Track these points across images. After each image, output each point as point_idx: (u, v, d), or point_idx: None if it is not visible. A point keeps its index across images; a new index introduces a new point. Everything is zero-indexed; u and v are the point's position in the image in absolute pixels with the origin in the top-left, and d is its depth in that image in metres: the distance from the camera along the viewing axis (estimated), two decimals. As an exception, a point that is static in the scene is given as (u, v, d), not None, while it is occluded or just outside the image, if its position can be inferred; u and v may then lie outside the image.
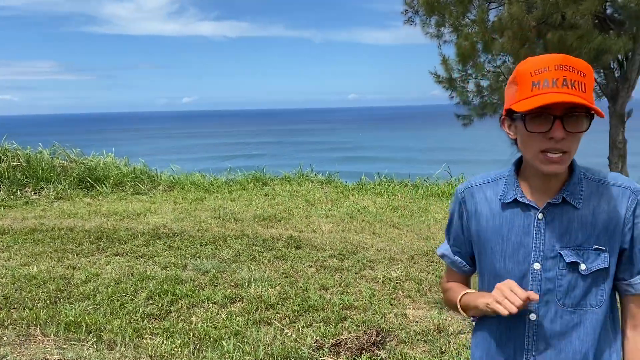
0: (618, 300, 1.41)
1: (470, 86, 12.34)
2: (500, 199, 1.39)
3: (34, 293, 4.46)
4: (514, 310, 1.24)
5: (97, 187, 9.47)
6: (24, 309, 4.13)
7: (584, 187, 1.33)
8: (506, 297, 1.26)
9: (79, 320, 3.87)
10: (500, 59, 11.99)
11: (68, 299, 4.38)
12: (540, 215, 1.34)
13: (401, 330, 3.71)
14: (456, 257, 1.54)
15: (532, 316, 1.36)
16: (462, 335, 3.65)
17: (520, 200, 1.36)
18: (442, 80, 12.56)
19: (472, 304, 1.42)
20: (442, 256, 1.59)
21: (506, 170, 1.43)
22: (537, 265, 1.34)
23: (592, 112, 1.22)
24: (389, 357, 3.35)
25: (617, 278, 1.35)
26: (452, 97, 12.77)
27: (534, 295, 1.25)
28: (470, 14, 12.00)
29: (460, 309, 1.48)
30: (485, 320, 1.48)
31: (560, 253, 1.32)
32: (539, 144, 1.25)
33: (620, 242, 1.31)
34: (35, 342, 3.62)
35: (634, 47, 10.63)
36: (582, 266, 1.30)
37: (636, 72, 11.09)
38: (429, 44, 12.17)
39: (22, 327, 3.82)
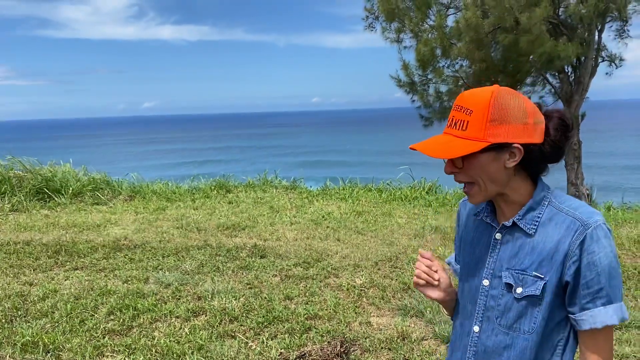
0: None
1: (431, 90, 12.57)
2: (476, 214, 1.49)
3: (-12, 312, 4.31)
4: (415, 279, 1.52)
5: (55, 198, 9.21)
6: (-22, 330, 3.98)
7: (543, 213, 1.35)
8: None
9: (36, 339, 3.75)
10: (458, 63, 12.26)
11: (25, 317, 4.24)
12: (497, 235, 1.41)
13: (365, 338, 3.74)
14: (458, 266, 1.62)
15: (476, 328, 1.43)
16: (425, 342, 3.71)
17: (484, 219, 1.45)
18: (403, 84, 12.76)
19: None
20: (449, 264, 1.69)
21: None
22: (485, 282, 1.42)
23: (491, 144, 1.28)
24: (353, 366, 3.37)
25: (568, 311, 1.35)
26: (414, 100, 12.99)
27: (425, 253, 1.52)
28: (429, 20, 12.24)
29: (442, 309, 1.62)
30: (453, 323, 1.59)
31: (502, 274, 1.38)
32: None
33: (561, 274, 1.30)
34: (-11, 365, 3.49)
35: (587, 52, 11.03)
36: (518, 290, 1.34)
37: (589, 75, 11.52)
38: (390, 47, 12.34)
39: (-25, 349, 3.68)
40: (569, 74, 11.56)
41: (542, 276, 1.32)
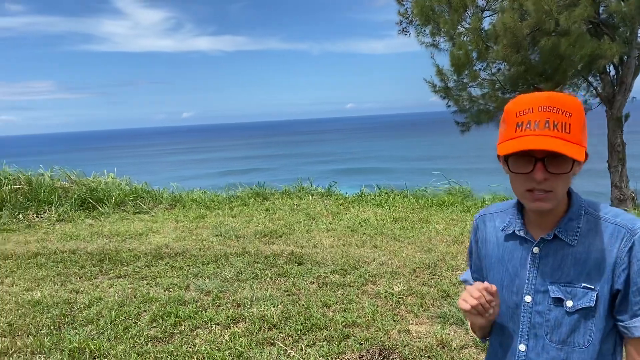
0: None
1: (466, 94, 12.41)
2: (503, 229, 1.44)
3: (37, 319, 4.47)
4: (467, 306, 1.34)
5: (99, 207, 9.49)
6: (28, 335, 4.14)
7: (582, 223, 1.32)
8: (470, 294, 1.35)
9: (83, 346, 3.87)
10: (495, 66, 12.07)
11: (72, 324, 4.38)
12: (535, 249, 1.36)
13: (404, 347, 3.71)
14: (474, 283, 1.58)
15: (522, 347, 1.38)
16: (466, 350, 3.66)
17: (518, 233, 1.40)
18: (438, 90, 12.64)
19: None
20: (464, 281, 1.63)
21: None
22: (528, 298, 1.37)
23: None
24: (392, 375, 3.35)
25: (616, 319, 1.33)
26: (449, 105, 12.84)
27: (491, 288, 1.33)
28: (464, 22, 12.10)
29: (471, 331, 1.54)
30: (490, 344, 1.53)
31: (548, 288, 1.34)
32: (524, 183, 1.28)
33: (612, 282, 1.28)
34: (39, 370, 3.62)
35: (629, 51, 10.69)
36: (569, 303, 1.31)
37: (632, 75, 11.16)
38: (424, 51, 12.23)
39: (26, 354, 3.82)
40: (611, 74, 11.23)
41: (593, 287, 1.29)
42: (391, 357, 3.57)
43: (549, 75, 10.82)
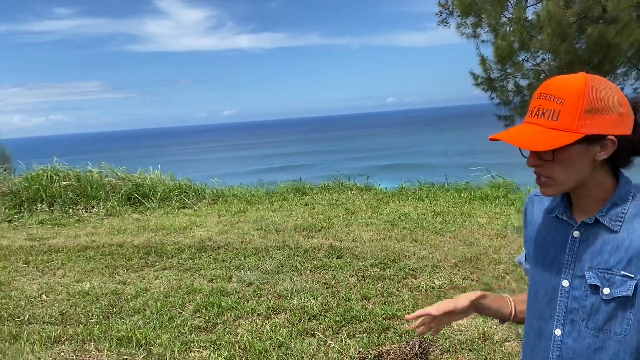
0: None
1: (510, 85, 12.12)
2: (549, 212, 1.41)
3: (87, 309, 4.65)
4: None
5: (145, 202, 9.77)
6: (79, 324, 4.31)
7: (628, 208, 1.27)
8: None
9: (130, 335, 4.01)
10: (539, 56, 11.73)
11: (119, 314, 4.54)
12: (576, 233, 1.33)
13: (445, 339, 3.68)
14: (528, 265, 1.55)
15: (557, 332, 1.35)
16: (508, 343, 3.60)
17: (560, 216, 1.37)
18: (481, 82, 12.37)
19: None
20: (519, 264, 1.61)
21: None
22: (565, 283, 1.33)
23: (585, 138, 1.19)
24: (433, 367, 3.34)
25: None
26: (492, 97, 12.56)
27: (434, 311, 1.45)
28: (507, 13, 11.79)
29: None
30: (526, 327, 1.51)
31: (585, 274, 1.30)
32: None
33: None
34: (90, 357, 3.77)
35: (683, 37, 10.18)
36: (605, 290, 1.26)
37: (686, 62, 10.62)
38: (466, 43, 12.00)
39: (77, 342, 3.98)
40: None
41: (632, 275, 1.23)
42: (431, 349, 3.55)
43: (596, 64, 10.45)
